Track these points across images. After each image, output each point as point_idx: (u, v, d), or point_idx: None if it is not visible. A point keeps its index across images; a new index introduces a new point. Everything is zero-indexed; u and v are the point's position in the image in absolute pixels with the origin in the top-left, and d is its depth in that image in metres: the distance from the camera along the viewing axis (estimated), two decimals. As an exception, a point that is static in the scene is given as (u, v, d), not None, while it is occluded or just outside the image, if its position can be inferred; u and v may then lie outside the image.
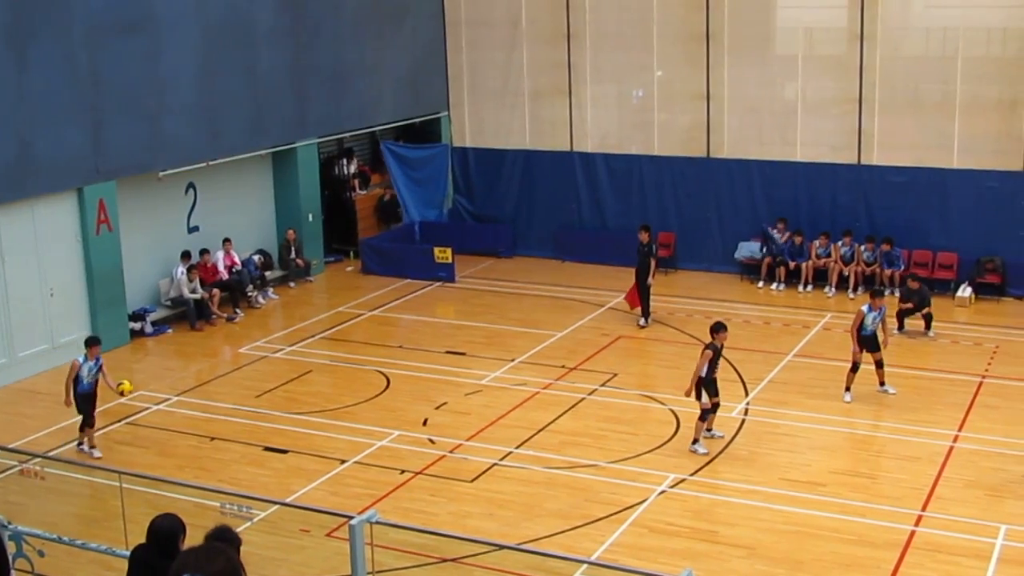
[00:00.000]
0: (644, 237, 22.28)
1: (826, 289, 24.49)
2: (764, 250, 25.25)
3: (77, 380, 16.21)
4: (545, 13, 27.52)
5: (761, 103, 25.91)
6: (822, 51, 25.92)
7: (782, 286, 24.89)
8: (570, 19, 27.20)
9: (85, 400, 16.33)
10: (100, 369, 16.44)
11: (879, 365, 18.29)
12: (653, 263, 22.21)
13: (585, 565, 12.36)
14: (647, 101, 27.14)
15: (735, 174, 26.15)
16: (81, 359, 16.35)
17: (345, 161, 28.31)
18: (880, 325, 18.25)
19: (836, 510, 14.46)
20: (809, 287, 24.65)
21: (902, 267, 23.77)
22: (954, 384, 18.95)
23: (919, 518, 14.26)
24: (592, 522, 14.23)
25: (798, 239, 24.88)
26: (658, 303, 23.07)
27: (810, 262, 24.72)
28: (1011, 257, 23.98)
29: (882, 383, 18.40)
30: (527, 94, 28.21)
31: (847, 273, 24.38)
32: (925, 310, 21.37)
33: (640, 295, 22.25)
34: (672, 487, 15.19)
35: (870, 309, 18.17)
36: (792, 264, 24.83)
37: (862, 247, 24.52)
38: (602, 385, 19.06)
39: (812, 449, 16.52)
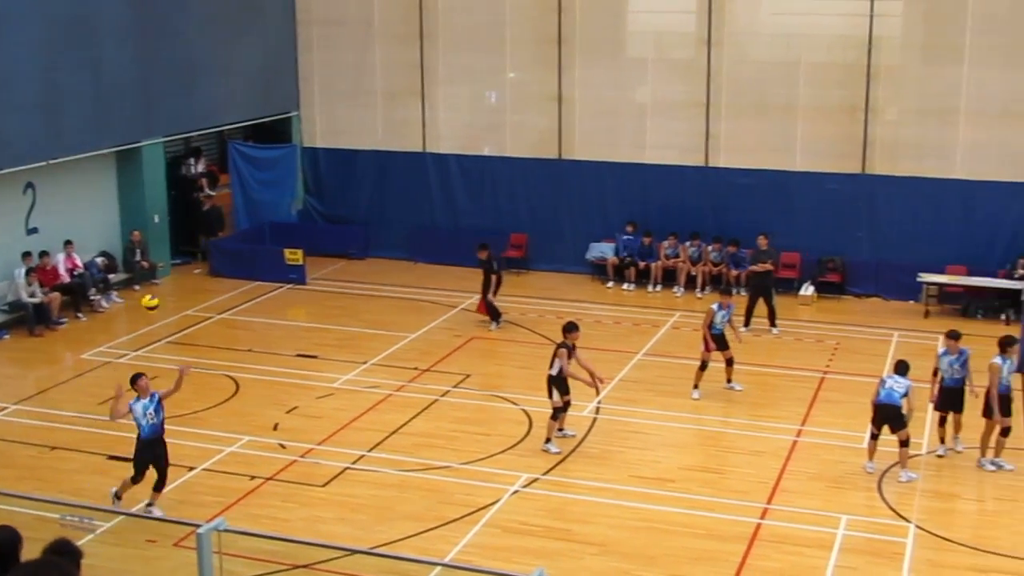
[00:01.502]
0: (483, 255, 22.29)
1: (675, 289, 24.95)
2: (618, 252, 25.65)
3: None
4: (398, 13, 27.40)
5: (612, 106, 26.25)
6: (671, 55, 26.38)
7: (632, 286, 25.26)
8: (423, 20, 27.15)
9: None
10: None
11: (729, 363, 18.71)
12: (495, 279, 22.22)
13: (439, 567, 12.31)
14: (500, 102, 27.27)
15: (586, 176, 26.43)
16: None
17: (193, 161, 27.71)
18: (728, 323, 18.68)
19: (686, 505, 14.72)
20: (658, 287, 25.08)
21: (748, 268, 24.34)
22: (797, 380, 19.48)
23: (765, 511, 14.61)
24: (446, 524, 14.20)
25: (647, 240, 25.29)
26: (511, 304, 23.18)
27: (659, 262, 25.14)
28: (851, 257, 24.80)
29: (729, 380, 18.82)
30: (380, 94, 28.05)
31: (695, 273, 24.88)
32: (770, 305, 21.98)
33: (486, 306, 22.31)
34: (525, 487, 15.26)
35: (719, 307, 18.58)
36: (642, 264, 25.22)
37: (709, 248, 25.05)
38: (455, 386, 19.05)
39: (662, 446, 16.80)
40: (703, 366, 18.49)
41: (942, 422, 16.23)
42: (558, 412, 16.41)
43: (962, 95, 24.03)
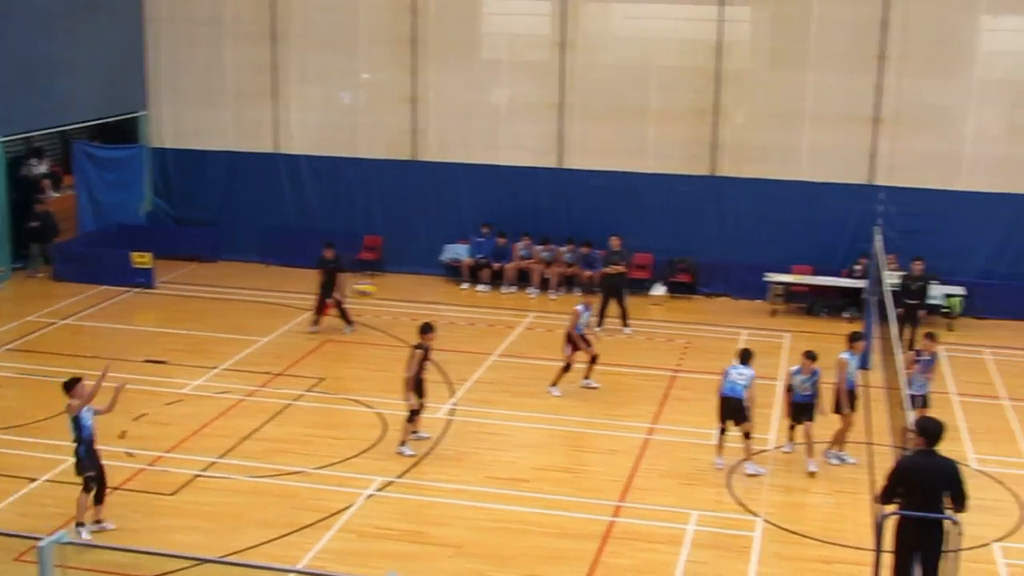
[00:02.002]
0: (330, 254, 21.99)
1: (528, 290, 25.10)
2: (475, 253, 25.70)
3: None
4: (249, 12, 26.96)
5: (466, 107, 26.29)
6: (526, 57, 26.53)
7: (486, 287, 25.34)
8: (276, 19, 26.78)
9: None
10: None
11: (593, 360, 19.00)
12: (341, 277, 21.89)
13: (292, 574, 12.13)
14: (354, 103, 27.07)
15: (441, 177, 26.42)
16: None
17: (35, 161, 26.80)
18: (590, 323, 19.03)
19: (540, 505, 14.80)
20: (512, 288, 25.20)
21: (600, 269, 24.59)
22: (649, 379, 19.79)
23: (618, 508, 14.79)
24: (299, 529, 14.00)
25: (501, 241, 25.39)
26: (365, 306, 23.02)
27: (513, 264, 25.27)
28: (701, 257, 25.30)
29: (587, 377, 19.03)
30: (231, 94, 27.57)
31: (548, 275, 25.07)
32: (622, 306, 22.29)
33: (338, 308, 21.93)
34: (380, 490, 15.16)
35: (585, 308, 18.81)
36: (496, 266, 25.31)
37: (563, 249, 25.27)
38: (308, 390, 18.83)
39: (517, 447, 16.86)
40: (567, 367, 18.69)
41: (792, 427, 16.54)
42: (414, 414, 16.35)
43: (807, 100, 24.77)
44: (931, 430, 11.21)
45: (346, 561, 13.19)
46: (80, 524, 13.68)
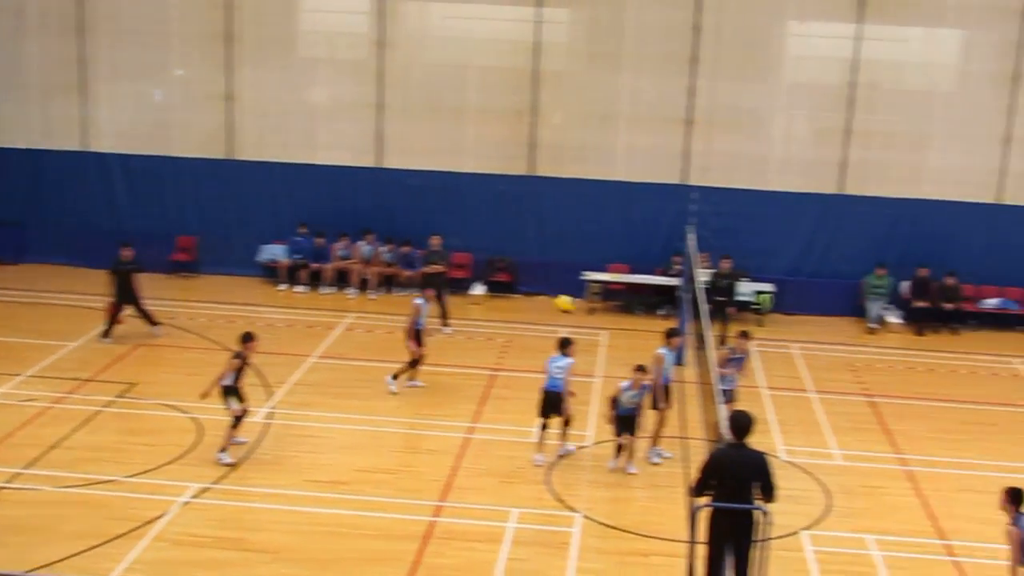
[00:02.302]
0: (126, 254, 21.14)
1: (347, 290, 24.89)
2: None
3: None
4: (55, 3, 25.96)
5: (283, 106, 25.90)
6: (344, 56, 26.28)
7: (305, 288, 25.02)
8: (83, 10, 25.85)
9: None
10: None
11: (420, 361, 19.05)
12: (137, 279, 21.05)
13: (102, 586, 11.75)
14: (166, 100, 26.37)
15: (257, 176, 25.96)
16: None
17: None
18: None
19: (360, 507, 14.66)
20: (331, 289, 24.94)
21: (420, 268, 24.55)
22: (470, 378, 19.84)
23: (439, 508, 14.76)
24: (111, 540, 13.52)
25: (319, 241, 25.10)
26: (179, 309, 22.44)
27: (332, 264, 25.01)
28: (519, 257, 25.53)
29: (412, 378, 19.09)
30: (35, 89, 26.50)
31: (367, 275, 24.90)
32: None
33: (138, 311, 21.22)
34: (195, 497, 14.77)
35: (424, 302, 19.02)
36: (314, 266, 25.01)
37: (382, 248, 25.14)
38: (119, 396, 18.24)
39: (337, 449, 16.68)
40: (414, 363, 18.83)
41: (619, 448, 16.42)
42: (238, 420, 15.98)
43: (622, 101, 25.23)
44: (741, 424, 11.53)
45: (160, 571, 12.82)
46: None
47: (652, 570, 13.42)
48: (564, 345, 16.29)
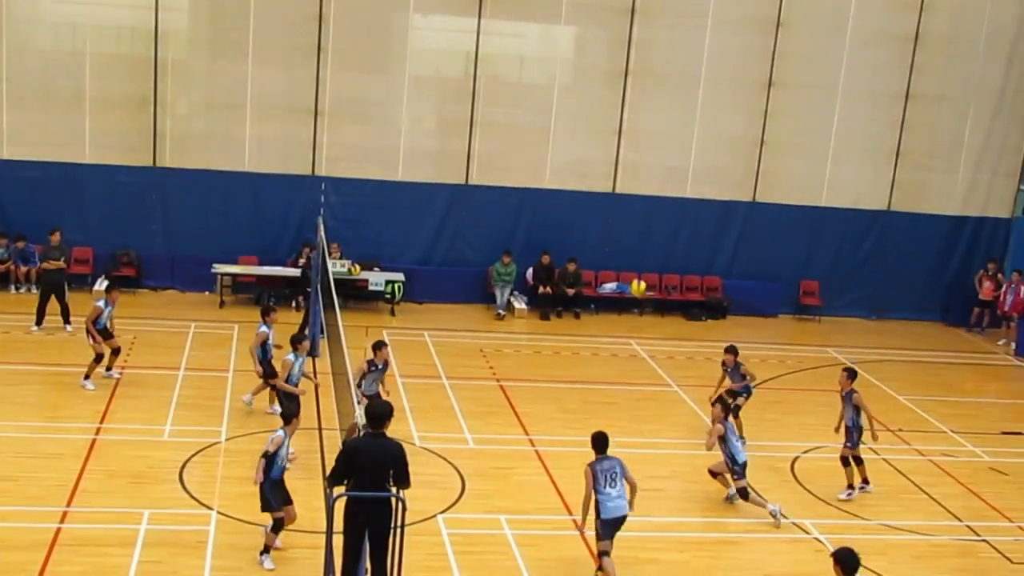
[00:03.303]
0: None
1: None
2: None
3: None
4: None
5: None
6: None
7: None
8: None
9: None
10: None
11: (116, 352, 18.89)
12: None
13: None
14: None
15: None
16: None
17: None
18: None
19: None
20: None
21: (38, 264, 23.24)
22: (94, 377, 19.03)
23: (64, 514, 14.10)
24: None
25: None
26: None
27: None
28: (145, 250, 24.78)
29: (109, 368, 18.82)
30: None
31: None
32: None
33: None
34: None
35: (106, 304, 18.63)
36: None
37: (-5, 244, 23.73)
38: None
39: (-52, 459, 15.61)
40: (99, 359, 18.44)
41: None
42: None
43: (248, 91, 24.86)
44: (377, 413, 11.73)
45: None
46: None
47: (292, 564, 13.39)
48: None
